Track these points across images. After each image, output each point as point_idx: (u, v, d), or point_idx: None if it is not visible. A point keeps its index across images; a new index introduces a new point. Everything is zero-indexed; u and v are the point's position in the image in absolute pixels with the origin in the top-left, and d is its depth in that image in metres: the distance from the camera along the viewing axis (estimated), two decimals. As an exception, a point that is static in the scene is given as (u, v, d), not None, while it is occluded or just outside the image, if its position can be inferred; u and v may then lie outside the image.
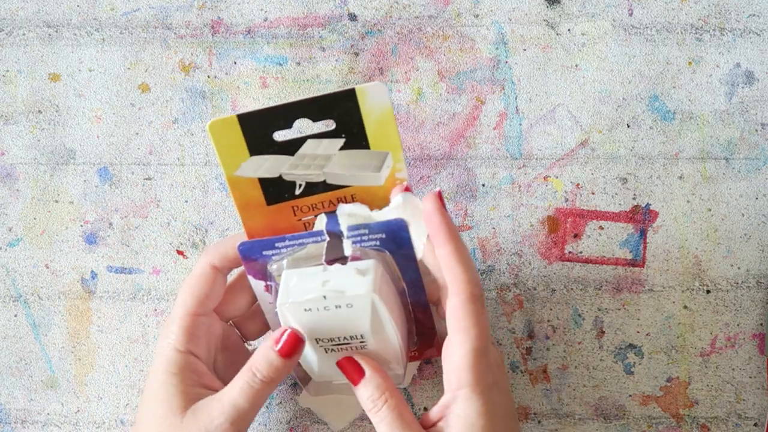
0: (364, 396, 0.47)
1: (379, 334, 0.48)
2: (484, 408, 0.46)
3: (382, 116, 0.48)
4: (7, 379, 0.58)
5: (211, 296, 0.50)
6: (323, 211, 0.49)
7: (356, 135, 0.48)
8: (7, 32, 0.58)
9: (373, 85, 0.47)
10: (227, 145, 0.48)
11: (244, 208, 0.49)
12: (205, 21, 0.58)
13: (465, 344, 0.46)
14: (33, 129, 0.58)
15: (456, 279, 0.46)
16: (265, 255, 0.48)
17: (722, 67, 0.58)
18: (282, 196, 0.49)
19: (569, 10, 0.58)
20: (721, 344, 0.58)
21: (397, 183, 0.49)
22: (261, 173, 0.49)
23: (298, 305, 0.46)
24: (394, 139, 0.49)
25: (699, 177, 0.58)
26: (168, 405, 0.48)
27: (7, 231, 0.58)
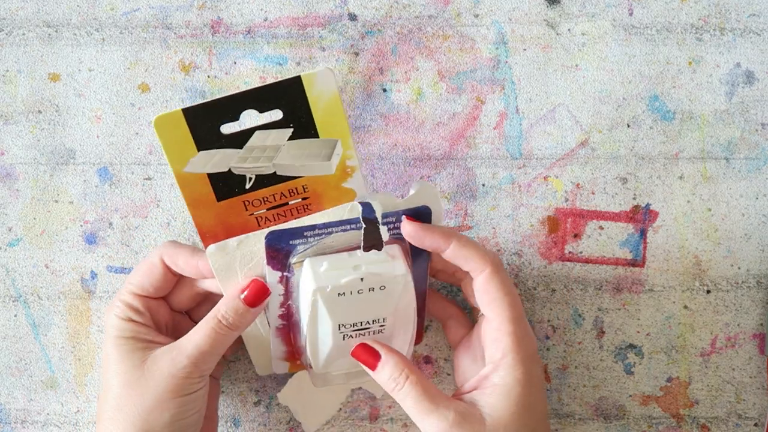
0: (384, 377, 0.48)
1: (401, 317, 0.49)
2: (523, 376, 0.47)
3: (330, 103, 0.48)
4: (7, 379, 0.58)
5: (155, 286, 0.51)
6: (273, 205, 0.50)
7: (304, 124, 0.48)
8: (7, 32, 0.58)
9: (319, 71, 0.47)
10: (174, 140, 0.47)
11: (194, 205, 0.49)
12: (205, 21, 0.58)
13: (501, 313, 0.47)
14: (33, 129, 0.58)
15: (473, 260, 0.48)
16: (292, 244, 0.48)
17: (722, 67, 0.58)
18: (232, 191, 0.49)
19: (569, 10, 0.58)
20: (722, 344, 0.58)
21: (348, 170, 0.49)
22: (210, 168, 0.48)
23: (334, 290, 0.47)
24: (343, 125, 0.49)
25: (699, 177, 0.58)
26: (126, 363, 0.49)
27: (7, 231, 0.58)
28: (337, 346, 0.49)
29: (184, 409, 0.49)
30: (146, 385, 0.48)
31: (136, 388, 0.48)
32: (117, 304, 0.51)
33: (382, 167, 0.58)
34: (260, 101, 0.48)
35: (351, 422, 0.58)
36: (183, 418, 0.49)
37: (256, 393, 0.58)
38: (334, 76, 0.47)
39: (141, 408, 0.48)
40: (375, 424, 0.58)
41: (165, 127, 0.47)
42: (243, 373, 0.58)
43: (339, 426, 0.58)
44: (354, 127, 0.58)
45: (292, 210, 0.50)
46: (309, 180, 0.50)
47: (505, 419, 0.46)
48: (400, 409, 0.58)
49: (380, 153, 0.58)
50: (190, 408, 0.49)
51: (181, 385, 0.48)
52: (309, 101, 0.48)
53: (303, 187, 0.50)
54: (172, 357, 0.48)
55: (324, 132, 0.49)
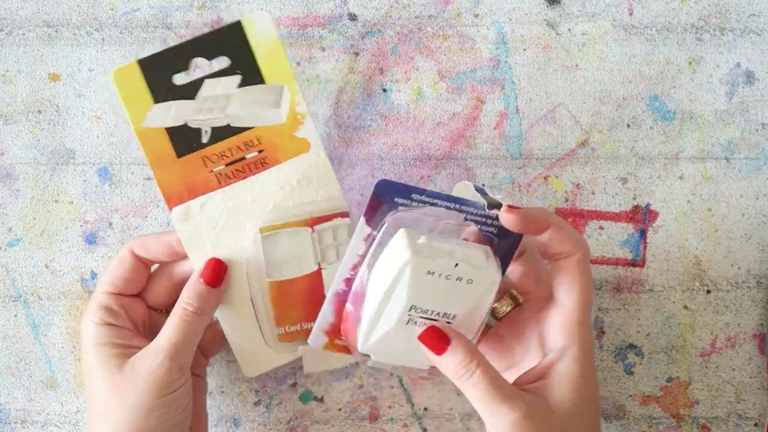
0: (453, 364, 0.46)
1: (470, 320, 0.47)
2: (587, 366, 0.47)
3: (271, 47, 0.50)
4: (7, 379, 0.58)
5: (129, 279, 0.51)
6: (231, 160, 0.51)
7: (250, 70, 0.50)
8: (7, 32, 0.58)
9: (257, 14, 0.50)
10: (132, 94, 0.50)
11: (157, 164, 0.50)
12: (205, 21, 0.58)
13: (577, 301, 0.47)
14: (33, 129, 0.58)
15: (570, 242, 0.47)
16: (396, 202, 0.47)
17: (722, 67, 0.58)
18: (191, 147, 0.51)
19: (569, 10, 0.58)
20: (722, 344, 0.58)
21: (299, 118, 0.51)
22: (167, 122, 0.50)
23: (426, 264, 0.45)
24: (287, 70, 0.51)
25: (699, 177, 0.58)
26: (105, 370, 0.49)
27: (7, 231, 0.58)
28: (396, 330, 0.47)
29: (168, 409, 0.49)
30: (128, 389, 0.48)
31: (119, 394, 0.48)
32: (92, 309, 0.51)
33: (382, 167, 0.58)
34: (207, 49, 0.50)
35: (351, 422, 0.58)
36: (169, 417, 0.49)
37: (256, 393, 0.58)
38: (271, 19, 0.50)
39: (127, 413, 0.48)
40: (375, 424, 0.58)
41: (123, 80, 0.50)
42: (243, 373, 0.58)
43: (339, 426, 0.58)
44: (354, 127, 0.58)
45: (250, 165, 0.51)
46: (262, 131, 0.51)
47: (571, 410, 0.46)
48: (401, 409, 0.58)
49: (380, 153, 0.58)
50: (175, 407, 0.49)
51: (161, 382, 0.48)
52: (251, 46, 0.50)
53: (257, 138, 0.51)
54: (147, 356, 0.49)
55: (270, 77, 0.51)
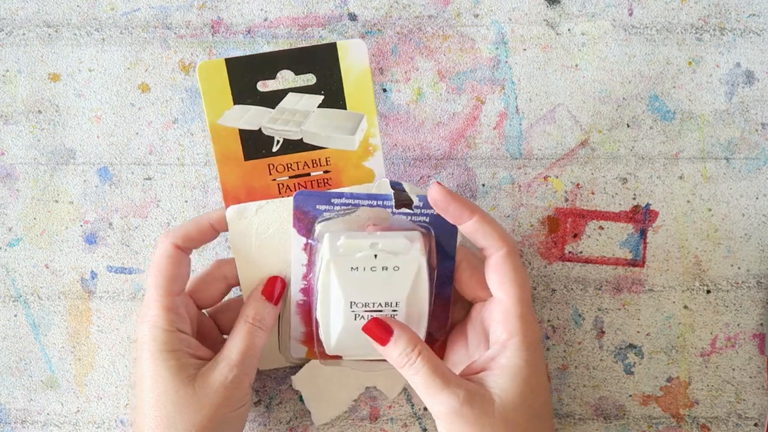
0: (395, 353, 0.47)
1: (413, 306, 0.49)
2: (530, 358, 0.47)
3: (360, 76, 0.50)
4: (7, 379, 0.58)
5: (179, 275, 0.50)
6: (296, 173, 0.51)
7: (334, 92, 0.50)
8: (7, 32, 0.58)
9: (353, 41, 0.49)
10: (213, 90, 0.49)
11: (223, 161, 0.50)
12: (205, 21, 0.58)
13: (512, 295, 0.48)
14: (33, 129, 0.58)
15: (492, 237, 0.48)
16: (318, 210, 0.49)
17: (722, 67, 0.58)
18: (259, 152, 0.51)
19: (569, 10, 0.58)
20: (721, 344, 0.58)
21: (370, 149, 0.51)
22: (242, 124, 0.50)
23: (347, 261, 0.47)
24: (370, 102, 0.50)
25: (699, 177, 0.58)
26: (174, 381, 0.48)
27: (7, 231, 0.58)
28: (348, 327, 0.49)
29: (237, 422, 0.49)
30: (200, 402, 0.48)
31: (191, 407, 0.48)
32: (153, 312, 0.49)
33: (382, 167, 0.58)
34: (297, 62, 0.50)
35: (351, 422, 0.58)
36: (236, 429, 0.50)
37: (256, 393, 0.58)
38: (366, 49, 0.50)
39: (197, 427, 0.48)
40: (375, 424, 0.58)
41: (207, 75, 0.49)
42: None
43: (339, 426, 0.58)
44: (354, 127, 0.58)
45: (313, 182, 0.51)
46: (332, 153, 0.51)
47: (513, 399, 0.46)
48: (400, 409, 0.58)
49: (380, 153, 0.58)
50: (243, 419, 0.50)
51: (235, 396, 0.49)
52: (341, 70, 0.50)
53: (326, 159, 0.51)
54: (220, 369, 0.48)
55: (352, 104, 0.51)
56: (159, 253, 0.50)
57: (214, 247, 0.58)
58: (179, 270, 0.50)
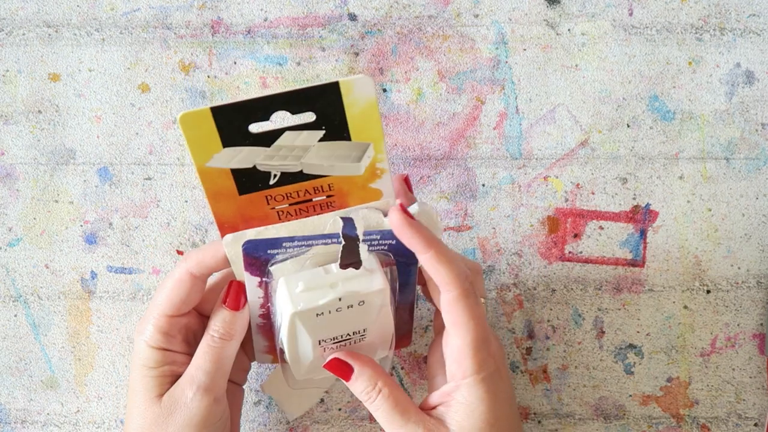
0: (358, 390, 0.48)
1: (380, 326, 0.49)
2: (486, 394, 0.47)
3: (366, 109, 0.46)
4: (7, 379, 0.58)
5: (186, 301, 0.50)
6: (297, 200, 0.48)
7: (337, 126, 0.46)
8: (7, 32, 0.58)
9: (358, 78, 0.45)
10: (199, 137, 0.45)
11: (216, 198, 0.47)
12: (205, 21, 0.58)
13: (464, 337, 0.47)
14: (33, 129, 0.58)
15: (443, 279, 0.47)
16: (270, 254, 0.48)
17: (722, 67, 0.58)
18: (255, 186, 0.47)
19: (569, 10, 0.58)
20: (721, 344, 0.58)
21: (377, 172, 0.48)
22: (234, 164, 0.46)
23: (312, 311, 0.46)
24: (377, 130, 0.47)
25: (699, 177, 0.58)
26: (146, 395, 0.49)
27: (7, 231, 0.58)
28: (317, 358, 0.49)
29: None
30: (166, 423, 0.48)
31: (155, 425, 0.48)
32: (148, 329, 0.49)
33: (382, 167, 0.58)
34: (293, 104, 0.46)
35: (351, 422, 0.58)
36: None
37: (256, 393, 0.58)
38: (373, 83, 0.46)
39: None
40: (375, 424, 0.58)
41: (191, 124, 0.45)
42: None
43: (339, 426, 0.58)
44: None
45: (315, 206, 0.48)
46: (335, 179, 0.48)
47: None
48: (400, 409, 0.58)
49: (380, 153, 0.58)
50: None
51: (198, 417, 0.48)
52: (344, 106, 0.46)
53: (329, 185, 0.48)
54: (182, 388, 0.48)
55: (357, 136, 0.47)
56: (173, 275, 0.50)
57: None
58: (187, 297, 0.49)
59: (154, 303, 0.50)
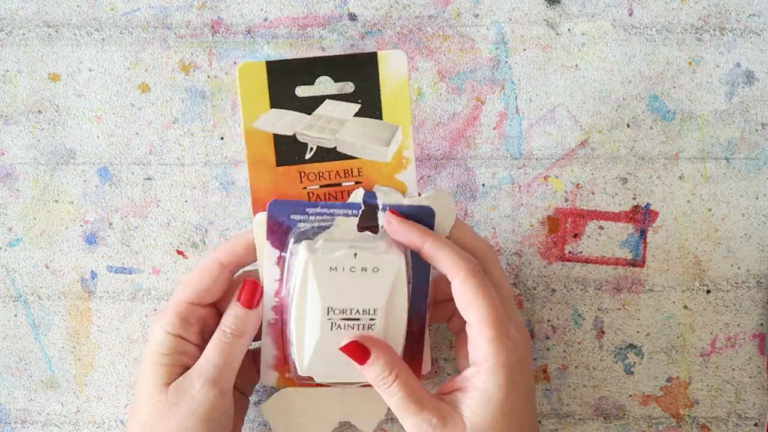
0: (373, 374, 0.48)
1: (391, 315, 0.48)
2: (505, 382, 0.47)
3: (398, 87, 0.49)
4: (7, 379, 0.58)
5: (211, 290, 0.50)
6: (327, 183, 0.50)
7: (371, 102, 0.50)
8: (7, 32, 0.58)
9: (394, 52, 0.49)
10: (252, 92, 0.49)
11: (255, 165, 0.50)
12: (205, 21, 0.58)
13: (479, 318, 0.47)
14: (33, 129, 0.58)
15: (446, 265, 0.48)
16: (293, 220, 0.48)
17: (722, 67, 0.58)
18: (292, 158, 0.50)
19: (569, 10, 0.58)
20: (721, 344, 0.58)
21: (403, 161, 0.50)
22: (277, 129, 0.49)
23: (326, 260, 0.47)
24: (406, 113, 0.50)
25: (699, 177, 0.58)
26: (154, 382, 0.49)
27: (7, 231, 0.58)
28: (324, 338, 0.48)
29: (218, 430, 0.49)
30: (172, 411, 0.48)
31: (162, 413, 0.48)
32: (168, 315, 0.49)
33: (382, 167, 0.58)
34: (336, 69, 0.49)
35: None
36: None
37: (256, 393, 0.58)
38: (406, 60, 0.49)
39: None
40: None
41: (246, 76, 0.49)
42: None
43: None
44: (354, 127, 0.58)
45: (344, 192, 0.51)
46: (365, 164, 0.50)
47: (485, 425, 0.46)
48: (400, 409, 0.58)
49: (380, 153, 0.58)
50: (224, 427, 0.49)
51: (204, 408, 0.48)
52: (380, 80, 0.49)
53: (359, 169, 0.50)
54: (190, 380, 0.48)
55: (388, 115, 0.50)
56: (201, 264, 0.50)
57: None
58: (212, 285, 0.50)
59: (177, 289, 0.50)
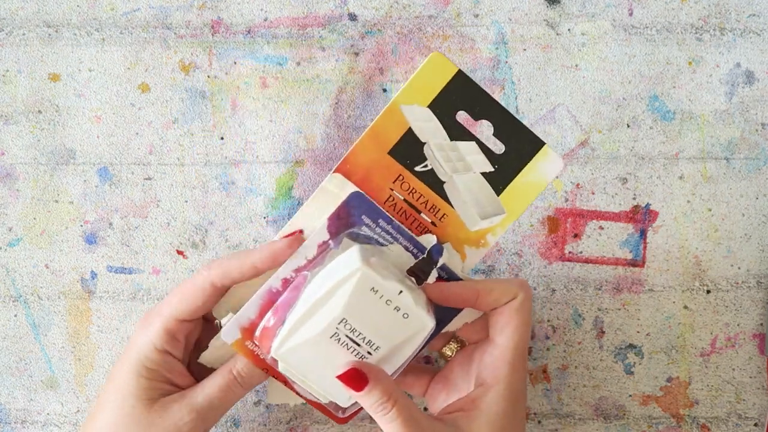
0: (370, 401, 0.46)
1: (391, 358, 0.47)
2: (510, 410, 0.47)
3: (534, 184, 0.49)
4: (7, 379, 0.58)
5: (201, 309, 0.49)
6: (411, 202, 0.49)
7: (503, 176, 0.49)
8: (7, 32, 0.58)
9: (556, 157, 0.48)
10: (426, 81, 0.47)
11: (371, 138, 0.48)
12: (205, 21, 0.58)
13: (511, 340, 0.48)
14: (33, 129, 0.58)
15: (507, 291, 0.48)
16: (362, 219, 0.48)
17: (722, 67, 0.58)
18: (405, 158, 0.49)
19: (569, 10, 0.58)
20: (721, 344, 0.58)
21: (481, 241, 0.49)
22: (417, 127, 0.48)
23: (374, 280, 0.45)
24: (520, 209, 0.49)
25: (699, 177, 0.58)
26: (136, 397, 0.48)
27: (7, 231, 0.58)
28: (317, 341, 0.46)
29: None
30: (149, 429, 0.48)
31: (138, 429, 0.48)
32: (155, 328, 0.49)
33: (382, 167, 0.58)
34: (503, 125, 0.48)
35: (351, 422, 0.58)
36: None
37: (255, 393, 0.58)
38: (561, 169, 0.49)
39: None
40: (375, 424, 0.58)
41: (433, 67, 0.47)
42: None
43: (339, 426, 0.58)
44: (354, 127, 0.58)
45: (415, 222, 0.50)
46: (452, 215, 0.49)
47: None
48: (400, 409, 0.58)
49: (380, 153, 0.58)
50: None
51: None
52: (527, 166, 0.49)
53: (444, 215, 0.49)
54: (180, 407, 0.48)
55: (506, 197, 0.49)
56: (194, 281, 0.49)
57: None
58: (203, 305, 0.49)
59: (167, 303, 0.49)
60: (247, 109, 0.58)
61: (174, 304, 0.49)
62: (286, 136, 0.58)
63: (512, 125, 0.48)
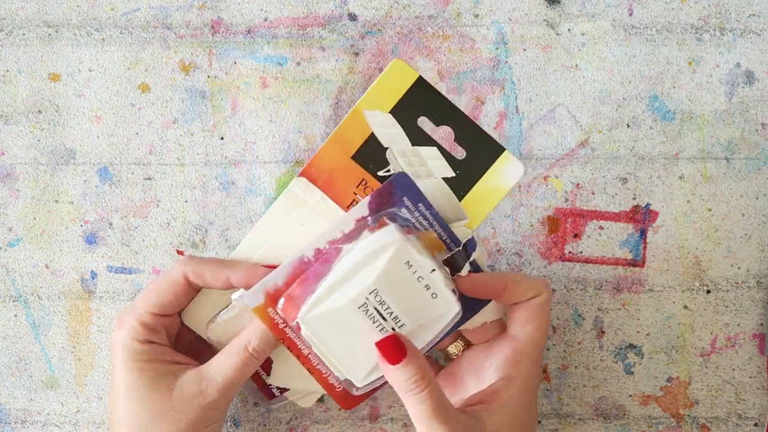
0: (404, 377, 0.45)
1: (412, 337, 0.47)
2: (528, 403, 0.48)
3: (495, 189, 0.50)
4: (7, 379, 0.58)
5: (176, 304, 0.50)
6: None
7: (465, 181, 0.50)
8: (7, 32, 0.58)
9: (517, 163, 0.49)
10: (387, 87, 0.49)
11: (336, 141, 0.49)
12: (205, 21, 0.58)
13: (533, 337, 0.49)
14: (33, 129, 0.58)
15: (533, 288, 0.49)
16: (402, 201, 0.48)
17: (722, 67, 0.58)
18: (368, 164, 0.50)
19: (569, 10, 0.58)
20: (721, 344, 0.58)
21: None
22: (379, 132, 0.49)
23: (410, 254, 0.46)
24: (481, 215, 0.50)
25: (699, 177, 0.58)
26: (151, 392, 0.48)
27: (7, 231, 0.58)
28: (345, 311, 0.46)
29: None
30: (177, 416, 0.48)
31: (167, 419, 0.48)
32: (132, 325, 0.49)
33: (382, 167, 0.58)
34: (464, 131, 0.49)
35: (351, 422, 0.58)
36: None
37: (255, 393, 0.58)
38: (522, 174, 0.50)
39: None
40: (375, 424, 0.58)
41: (394, 72, 0.49)
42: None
43: (339, 426, 0.58)
44: (354, 127, 0.58)
45: None
46: None
47: None
48: (401, 409, 0.58)
49: (380, 153, 0.58)
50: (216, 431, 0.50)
51: (211, 416, 0.49)
52: (487, 171, 0.50)
53: None
54: (201, 390, 0.48)
55: (468, 202, 0.50)
56: (169, 276, 0.50)
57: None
58: (177, 300, 0.50)
59: (143, 298, 0.50)
60: (247, 109, 0.58)
61: (147, 299, 0.50)
62: (286, 136, 0.58)
63: (472, 131, 0.49)
